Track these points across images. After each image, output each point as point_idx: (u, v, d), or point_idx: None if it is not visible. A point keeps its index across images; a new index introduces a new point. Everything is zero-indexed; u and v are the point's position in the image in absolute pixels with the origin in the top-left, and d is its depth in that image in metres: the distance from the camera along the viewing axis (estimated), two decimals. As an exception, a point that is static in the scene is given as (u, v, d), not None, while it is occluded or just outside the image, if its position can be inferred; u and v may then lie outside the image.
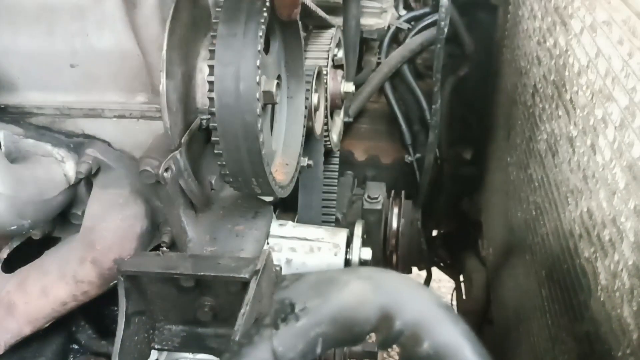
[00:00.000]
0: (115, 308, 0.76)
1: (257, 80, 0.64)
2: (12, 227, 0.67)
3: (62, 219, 0.80)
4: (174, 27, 0.64)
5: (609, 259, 0.59)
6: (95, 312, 0.94)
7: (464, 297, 1.67)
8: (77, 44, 0.70)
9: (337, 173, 1.35)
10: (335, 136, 1.33)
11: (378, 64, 1.76)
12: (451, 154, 1.82)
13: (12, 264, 0.82)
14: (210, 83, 0.64)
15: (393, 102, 1.79)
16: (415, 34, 1.74)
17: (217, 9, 0.67)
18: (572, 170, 0.74)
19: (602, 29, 0.67)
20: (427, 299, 0.43)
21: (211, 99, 0.65)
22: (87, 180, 0.77)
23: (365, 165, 1.89)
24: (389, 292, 0.43)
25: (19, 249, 0.84)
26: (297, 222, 1.17)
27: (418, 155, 1.71)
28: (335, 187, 1.32)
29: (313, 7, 1.08)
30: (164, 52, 0.62)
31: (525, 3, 1.13)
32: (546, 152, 0.89)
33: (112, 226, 0.73)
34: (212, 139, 0.67)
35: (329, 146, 1.26)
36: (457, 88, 1.76)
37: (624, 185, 0.57)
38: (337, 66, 1.37)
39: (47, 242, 0.83)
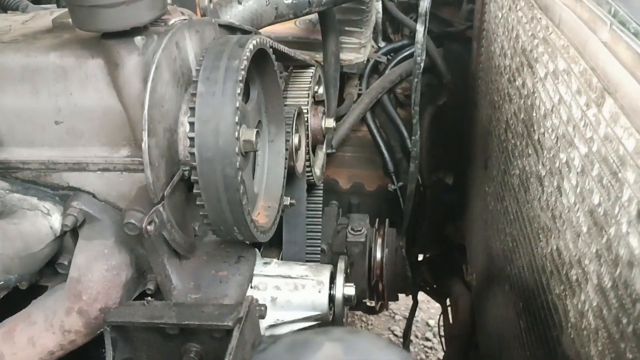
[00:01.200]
0: (103, 350, 0.77)
1: (236, 135, 0.67)
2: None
3: (49, 268, 0.82)
4: (155, 86, 0.66)
5: (577, 298, 0.62)
6: (83, 355, 0.95)
7: (450, 321, 1.69)
8: (61, 102, 0.72)
9: (321, 205, 1.38)
10: (318, 170, 1.36)
11: (359, 95, 1.80)
12: (433, 179, 1.86)
13: (-1, 314, 0.83)
14: (191, 139, 0.67)
15: (375, 131, 1.83)
16: (395, 65, 1.79)
17: (197, 67, 0.70)
18: (542, 208, 0.77)
19: (562, 77, 0.71)
20: (396, 358, 0.46)
21: (192, 154, 0.67)
22: (73, 230, 0.78)
23: (350, 193, 1.92)
24: (359, 353, 0.46)
25: (6, 297, 0.85)
26: (282, 257, 1.19)
27: (401, 183, 1.74)
28: (320, 220, 1.35)
29: (292, 52, 1.12)
30: (145, 111, 0.64)
31: (497, 40, 1.17)
32: (519, 187, 0.92)
33: (97, 277, 0.75)
34: (194, 191, 0.70)
35: (312, 180, 1.29)
36: (437, 116, 1.81)
37: (586, 229, 0.60)
38: (318, 102, 1.41)
39: (34, 290, 0.84)
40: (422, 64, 1.43)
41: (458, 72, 1.71)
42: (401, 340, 2.05)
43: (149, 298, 0.74)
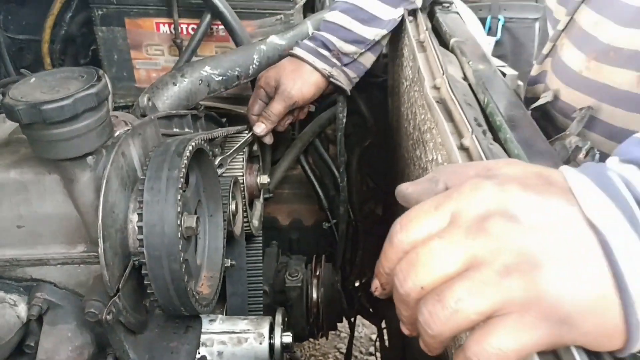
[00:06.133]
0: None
1: (179, 235, 0.80)
2: (-24, 375, 0.79)
3: (16, 349, 0.91)
4: (107, 198, 0.79)
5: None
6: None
7: (386, 343, 1.86)
8: (22, 210, 0.83)
9: (261, 252, 1.51)
10: (256, 221, 1.50)
11: (292, 139, 1.96)
12: (365, 212, 2.04)
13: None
14: (140, 240, 0.80)
15: (309, 171, 1.99)
16: (323, 109, 1.96)
17: (142, 177, 0.83)
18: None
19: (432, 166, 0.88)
20: None
21: (141, 253, 0.80)
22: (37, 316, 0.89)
23: (290, 229, 2.07)
24: None
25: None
26: (226, 309, 1.32)
27: (335, 220, 1.90)
28: (261, 266, 1.48)
29: (224, 132, 1.25)
30: (100, 222, 0.76)
31: (404, 105, 1.35)
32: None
33: (63, 357, 0.86)
34: (145, 282, 0.82)
35: (250, 232, 1.43)
36: (364, 155, 1.99)
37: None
38: (252, 157, 1.55)
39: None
40: (344, 120, 1.60)
41: (381, 116, 1.90)
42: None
43: (111, 374, 0.86)
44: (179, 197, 0.81)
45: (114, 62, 1.67)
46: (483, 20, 2.39)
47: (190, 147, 0.87)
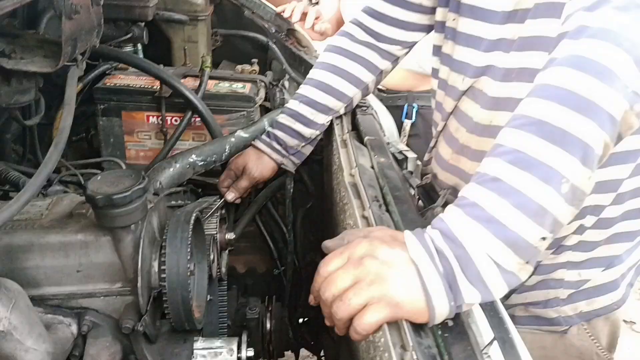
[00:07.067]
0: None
1: (188, 274, 1.26)
2: (51, 371, 1.20)
3: (64, 358, 1.32)
4: (143, 252, 1.24)
5: None
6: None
7: (324, 367, 2.31)
8: (82, 260, 1.26)
9: (226, 292, 1.96)
10: (224, 268, 1.95)
11: (249, 202, 2.44)
12: (307, 261, 2.52)
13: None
14: (162, 278, 1.25)
15: (262, 227, 2.47)
16: (274, 179, 2.46)
17: (163, 237, 1.29)
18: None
19: (355, 229, 1.39)
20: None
21: (162, 286, 1.25)
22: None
23: (246, 276, 2.52)
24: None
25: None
26: (202, 334, 1.75)
27: (283, 267, 2.38)
28: (226, 304, 1.93)
29: (206, 203, 1.73)
30: (139, 267, 1.21)
31: (335, 182, 1.87)
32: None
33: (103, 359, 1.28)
34: (164, 305, 1.27)
35: (220, 276, 1.88)
36: (307, 215, 2.49)
37: None
38: (221, 219, 2.02)
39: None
40: (291, 191, 2.11)
41: (319, 185, 2.42)
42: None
43: (138, 370, 1.28)
44: (189, 250, 1.27)
45: (110, 143, 2.12)
46: (401, 107, 3.01)
47: (193, 217, 1.35)
